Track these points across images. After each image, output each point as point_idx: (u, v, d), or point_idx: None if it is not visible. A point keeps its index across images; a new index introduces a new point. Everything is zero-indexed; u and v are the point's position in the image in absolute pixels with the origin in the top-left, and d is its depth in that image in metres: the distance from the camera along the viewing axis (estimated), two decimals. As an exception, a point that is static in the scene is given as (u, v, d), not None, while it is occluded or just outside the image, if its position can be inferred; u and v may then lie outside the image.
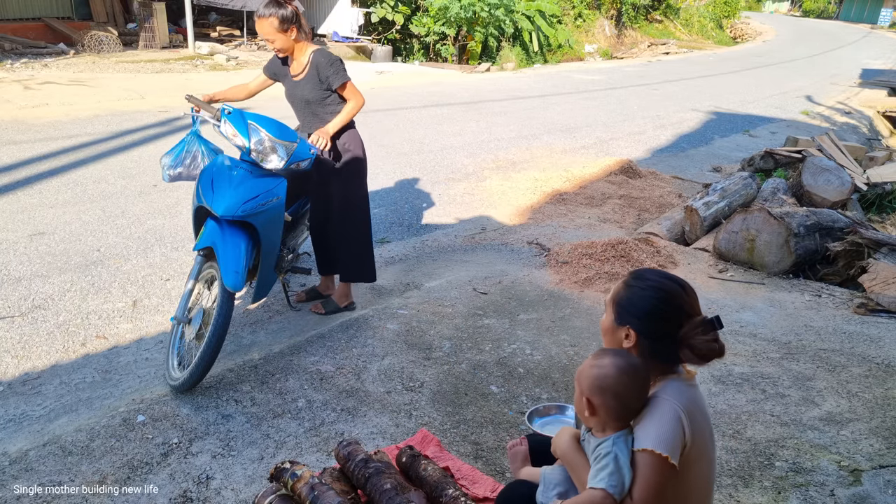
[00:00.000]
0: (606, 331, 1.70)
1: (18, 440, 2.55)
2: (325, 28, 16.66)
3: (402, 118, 9.34)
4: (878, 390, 3.09)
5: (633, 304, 1.63)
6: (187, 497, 2.27)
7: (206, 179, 2.94)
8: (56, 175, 5.77)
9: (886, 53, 26.25)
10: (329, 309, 3.77)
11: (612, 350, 1.63)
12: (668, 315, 1.60)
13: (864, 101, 13.82)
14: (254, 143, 2.94)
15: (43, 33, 12.99)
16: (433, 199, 6.09)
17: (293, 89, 3.44)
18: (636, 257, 4.49)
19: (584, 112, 10.83)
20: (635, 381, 1.56)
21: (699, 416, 1.56)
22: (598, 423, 1.59)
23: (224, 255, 2.82)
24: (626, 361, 1.57)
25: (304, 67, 3.37)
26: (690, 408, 1.55)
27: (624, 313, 1.64)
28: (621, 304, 1.66)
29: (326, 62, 3.32)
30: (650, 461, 1.49)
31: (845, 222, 4.70)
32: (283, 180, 3.07)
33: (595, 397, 1.56)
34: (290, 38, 3.29)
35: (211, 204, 2.85)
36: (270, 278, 3.28)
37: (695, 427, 1.53)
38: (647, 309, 1.61)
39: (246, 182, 2.91)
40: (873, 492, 2.40)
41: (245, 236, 2.92)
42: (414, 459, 2.25)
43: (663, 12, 26.39)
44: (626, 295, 1.65)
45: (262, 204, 2.92)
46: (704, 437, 1.57)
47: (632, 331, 1.62)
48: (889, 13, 45.80)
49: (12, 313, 3.56)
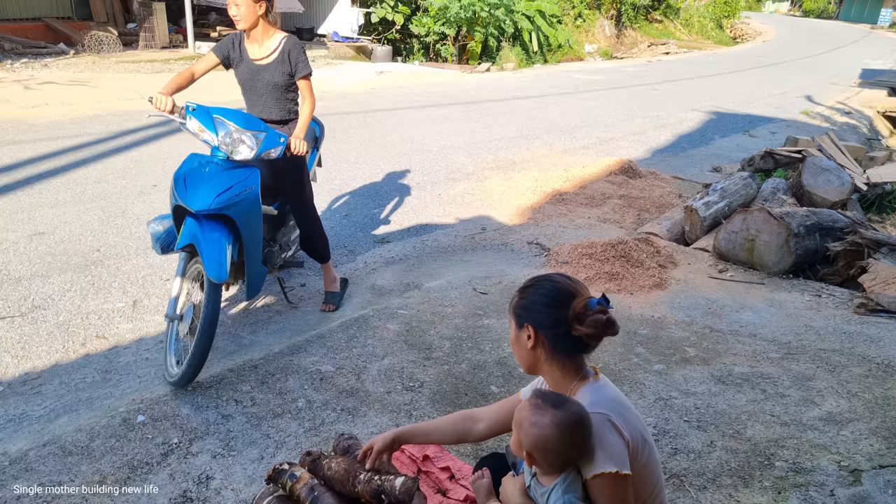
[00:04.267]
0: (513, 342, 1.73)
1: (18, 440, 2.55)
2: (325, 28, 16.66)
3: (402, 118, 9.34)
4: (878, 390, 3.09)
5: (528, 303, 1.68)
6: (187, 497, 2.27)
7: (180, 179, 2.94)
8: (56, 175, 5.77)
9: (886, 53, 26.25)
10: (336, 301, 3.85)
11: (551, 399, 1.56)
12: (560, 300, 1.63)
13: (864, 101, 13.82)
14: (221, 137, 2.95)
15: (43, 33, 13.00)
16: (433, 199, 6.09)
17: (256, 73, 3.38)
18: (636, 257, 4.49)
19: (584, 112, 10.83)
20: (577, 437, 1.51)
21: (622, 409, 1.59)
22: (540, 470, 1.59)
23: (205, 249, 2.82)
24: (567, 415, 1.51)
25: (273, 52, 3.34)
26: (612, 405, 1.58)
27: (522, 314, 1.69)
28: (518, 309, 1.71)
29: (298, 49, 3.34)
30: (606, 483, 1.50)
31: (845, 222, 4.69)
32: (255, 170, 3.07)
33: (537, 454, 1.54)
34: (258, 12, 3.25)
35: (186, 201, 2.86)
36: (260, 272, 3.29)
37: (626, 421, 1.56)
38: (541, 301, 1.66)
39: (218, 175, 2.92)
40: (873, 492, 2.39)
41: (224, 229, 2.93)
42: (315, 463, 2.13)
43: (663, 12, 26.39)
44: (521, 300, 1.71)
45: (236, 195, 2.92)
46: (635, 423, 1.59)
47: (531, 327, 1.65)
48: (889, 13, 45.80)
49: (12, 313, 3.56)
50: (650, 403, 2.96)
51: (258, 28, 3.33)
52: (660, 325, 3.75)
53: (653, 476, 1.62)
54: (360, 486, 1.97)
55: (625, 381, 3.13)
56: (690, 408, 2.93)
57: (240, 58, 3.40)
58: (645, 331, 3.66)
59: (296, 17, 16.66)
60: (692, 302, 4.07)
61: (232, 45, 3.42)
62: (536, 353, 1.67)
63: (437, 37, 16.07)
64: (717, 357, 3.41)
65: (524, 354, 1.70)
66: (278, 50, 3.34)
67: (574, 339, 1.61)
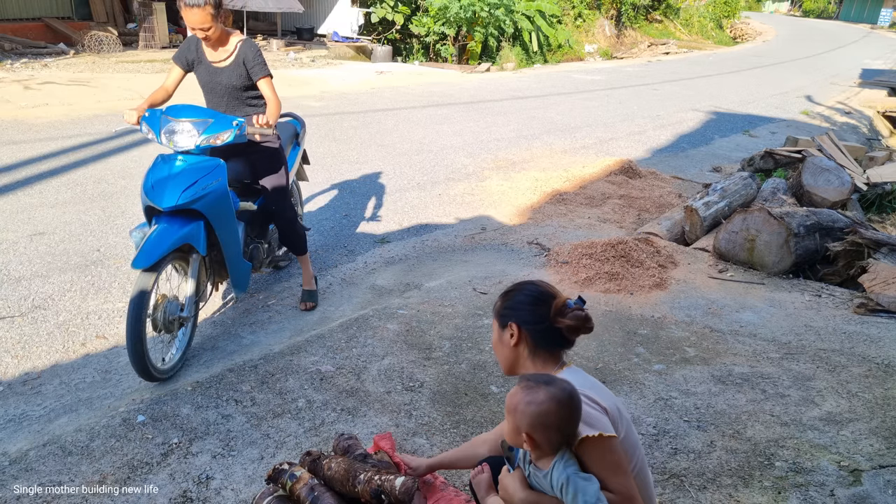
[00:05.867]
0: (496, 344, 1.85)
1: (18, 440, 2.55)
2: (325, 28, 16.66)
3: (402, 118, 9.34)
4: (878, 390, 3.09)
5: (511, 304, 1.81)
6: (187, 497, 2.27)
7: (147, 180, 2.95)
8: (56, 175, 5.77)
9: (886, 53, 26.25)
10: (315, 299, 3.87)
11: (540, 379, 1.60)
12: (542, 299, 1.77)
13: (864, 101, 13.82)
14: (164, 131, 2.98)
15: (43, 33, 12.99)
16: (433, 199, 6.09)
17: (214, 75, 3.39)
18: (636, 257, 4.49)
19: (584, 112, 10.83)
20: (572, 408, 1.55)
21: (596, 387, 1.70)
22: (539, 452, 1.60)
23: (149, 238, 2.81)
24: (560, 388, 1.56)
25: (230, 55, 3.35)
26: (588, 385, 1.68)
27: (506, 315, 1.80)
28: (502, 311, 1.83)
29: (254, 53, 3.34)
30: (592, 446, 1.55)
31: (845, 222, 4.70)
32: (220, 162, 3.07)
33: (537, 433, 1.55)
34: (221, 25, 3.27)
35: (154, 199, 2.87)
36: (243, 267, 3.30)
37: (600, 395, 1.66)
38: (524, 300, 1.79)
39: (182, 172, 2.93)
40: (873, 492, 2.39)
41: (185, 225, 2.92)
42: (315, 463, 2.15)
43: (663, 12, 26.39)
44: (504, 302, 1.83)
45: (202, 188, 2.93)
46: (611, 398, 1.69)
47: (514, 325, 1.77)
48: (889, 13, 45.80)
49: (12, 313, 3.56)
50: (650, 403, 2.96)
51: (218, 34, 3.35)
52: (660, 325, 3.75)
53: (634, 452, 1.69)
54: (360, 487, 1.97)
55: (625, 381, 3.13)
56: (690, 408, 2.93)
57: (198, 60, 3.41)
58: (645, 331, 3.66)
59: (296, 17, 16.67)
60: (692, 302, 4.07)
61: (189, 49, 3.42)
62: (518, 349, 1.77)
63: (437, 37, 16.07)
64: (717, 357, 3.41)
65: (506, 353, 1.80)
66: (234, 54, 3.35)
67: (554, 334, 1.74)
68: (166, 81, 3.43)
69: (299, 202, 4.53)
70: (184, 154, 2.99)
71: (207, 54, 3.38)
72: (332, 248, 4.84)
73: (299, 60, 13.70)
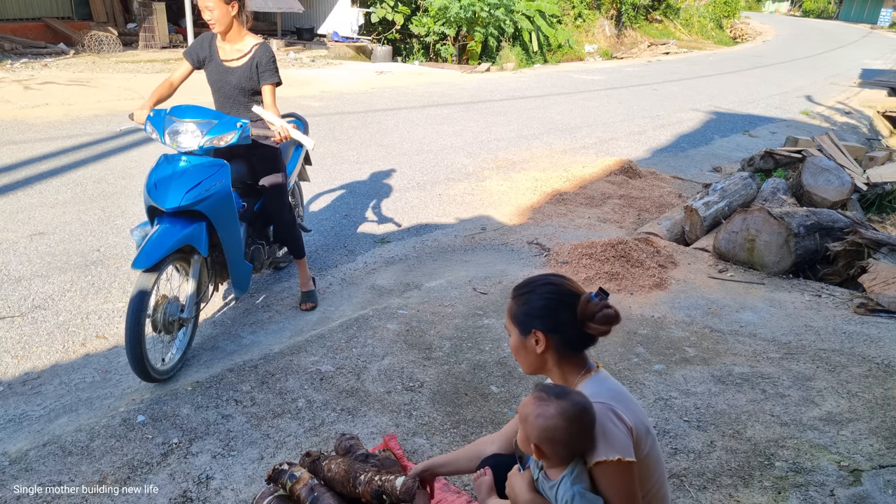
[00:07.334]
0: (517, 349, 1.72)
1: (18, 440, 2.55)
2: (325, 28, 16.66)
3: (402, 118, 9.34)
4: (878, 390, 3.09)
5: (530, 309, 1.68)
6: (187, 497, 2.27)
7: (150, 180, 2.94)
8: (56, 175, 5.77)
9: (886, 53, 26.25)
10: (314, 299, 3.86)
11: (553, 391, 1.57)
12: (565, 302, 1.65)
13: (864, 101, 13.82)
14: (167, 131, 2.96)
15: (43, 33, 12.99)
16: (433, 199, 6.09)
17: (224, 74, 3.37)
18: (636, 257, 4.49)
19: (584, 112, 10.83)
20: (583, 425, 1.52)
21: (624, 399, 1.62)
22: (548, 462, 1.59)
23: (150, 238, 2.80)
24: (571, 404, 1.53)
25: (244, 55, 3.34)
26: (614, 395, 1.60)
27: (526, 321, 1.68)
28: (520, 316, 1.69)
29: (268, 59, 3.33)
30: (609, 470, 1.51)
31: (845, 222, 4.70)
32: (223, 163, 3.07)
33: (545, 446, 1.54)
34: (231, 14, 3.24)
35: (157, 200, 2.86)
36: (244, 269, 3.29)
37: (628, 409, 1.58)
38: (546, 304, 1.66)
39: (186, 172, 2.92)
40: (873, 492, 2.39)
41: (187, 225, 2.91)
42: (315, 464, 2.15)
43: (663, 12, 26.39)
44: (521, 306, 1.70)
45: (206, 190, 2.92)
46: (638, 413, 1.62)
47: (539, 332, 1.65)
48: (889, 13, 45.81)
49: (12, 313, 3.56)
50: (650, 403, 2.96)
51: (232, 30, 3.32)
52: (660, 325, 3.75)
53: (656, 468, 1.64)
54: (360, 487, 1.98)
55: (625, 381, 3.13)
56: (690, 408, 2.93)
57: (210, 57, 3.39)
58: (645, 331, 3.66)
59: (296, 17, 16.67)
60: (692, 302, 4.07)
61: (202, 46, 3.41)
62: (545, 356, 1.68)
63: (437, 37, 16.07)
64: (717, 357, 3.41)
65: (531, 359, 1.70)
66: (249, 55, 3.33)
67: (581, 336, 1.65)
68: (173, 76, 3.41)
69: (301, 203, 4.53)
70: (187, 155, 2.99)
71: (220, 53, 3.37)
72: (332, 248, 4.84)
73: (299, 60, 13.71)
